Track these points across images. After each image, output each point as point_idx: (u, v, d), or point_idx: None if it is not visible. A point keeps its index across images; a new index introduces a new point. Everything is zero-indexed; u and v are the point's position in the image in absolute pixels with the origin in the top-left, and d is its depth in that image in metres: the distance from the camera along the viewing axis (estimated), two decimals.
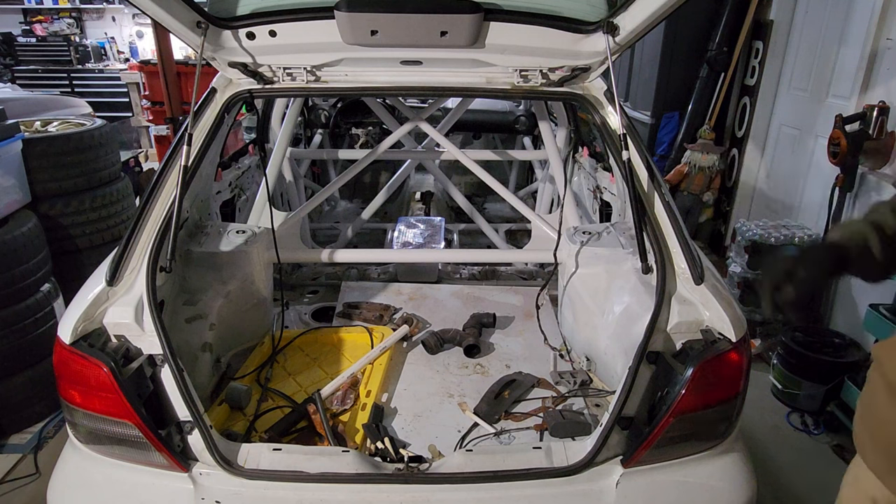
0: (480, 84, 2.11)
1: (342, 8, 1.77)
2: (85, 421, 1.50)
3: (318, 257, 2.47)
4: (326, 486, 1.48)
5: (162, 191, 1.80)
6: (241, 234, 2.18)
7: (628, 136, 1.87)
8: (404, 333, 2.26)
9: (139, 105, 7.61)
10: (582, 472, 1.50)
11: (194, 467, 1.51)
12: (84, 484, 1.58)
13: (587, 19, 1.89)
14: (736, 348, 1.48)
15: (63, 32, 9.12)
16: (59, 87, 8.27)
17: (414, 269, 2.82)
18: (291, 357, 2.20)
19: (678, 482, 1.55)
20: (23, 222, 2.76)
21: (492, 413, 1.88)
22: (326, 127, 3.92)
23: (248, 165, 3.03)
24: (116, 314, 1.52)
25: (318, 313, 2.57)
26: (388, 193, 3.11)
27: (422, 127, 2.88)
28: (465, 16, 1.79)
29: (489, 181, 2.75)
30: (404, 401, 1.97)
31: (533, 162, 4.01)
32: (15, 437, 2.76)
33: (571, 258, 2.15)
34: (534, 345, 2.28)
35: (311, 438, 1.79)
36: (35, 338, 2.73)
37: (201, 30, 1.80)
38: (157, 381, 1.51)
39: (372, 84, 2.12)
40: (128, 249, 1.64)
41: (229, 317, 2.09)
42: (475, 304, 2.58)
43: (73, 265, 3.17)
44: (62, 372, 1.48)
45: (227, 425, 1.81)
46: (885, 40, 3.22)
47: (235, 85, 2.08)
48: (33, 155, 2.99)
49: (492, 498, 1.49)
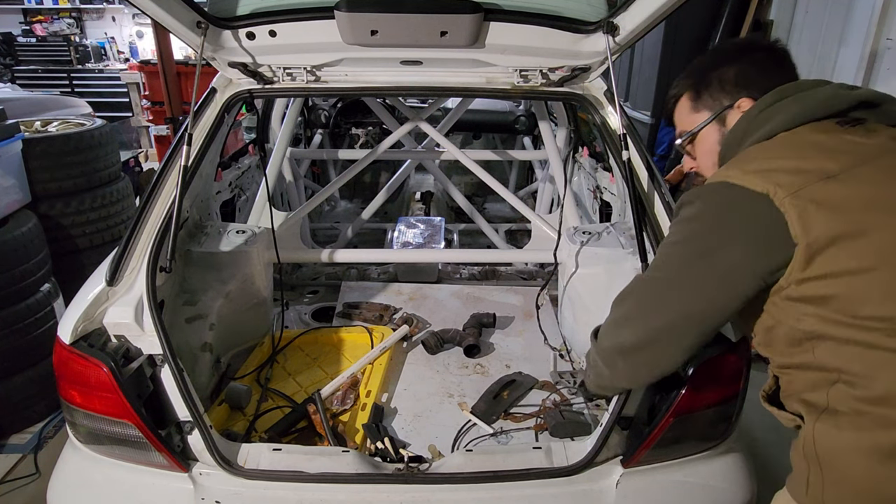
0: (480, 84, 2.11)
1: (342, 8, 1.77)
2: (85, 421, 1.50)
3: (318, 257, 2.47)
4: (326, 486, 1.48)
5: (162, 191, 1.80)
6: (241, 234, 2.18)
7: (628, 136, 1.87)
8: (404, 333, 2.26)
9: (139, 105, 7.60)
10: (582, 472, 1.50)
11: (194, 467, 1.51)
12: (84, 484, 1.58)
13: (587, 19, 1.88)
14: (736, 348, 1.48)
15: (63, 32, 9.13)
16: (59, 87, 8.27)
17: (414, 269, 2.82)
18: (291, 357, 2.20)
19: (678, 482, 1.55)
20: (23, 222, 2.76)
21: (490, 413, 1.88)
22: (326, 127, 3.91)
23: (248, 165, 3.03)
24: (116, 314, 1.52)
25: (318, 313, 2.57)
26: (388, 193, 3.11)
27: (422, 127, 2.87)
28: (465, 16, 1.79)
29: (489, 181, 2.75)
30: (404, 401, 1.97)
31: (533, 162, 4.01)
32: (15, 437, 2.75)
33: (571, 258, 2.15)
34: (534, 345, 2.28)
35: (311, 438, 1.79)
36: (35, 338, 2.72)
37: (201, 30, 1.80)
38: (157, 381, 1.51)
39: (372, 84, 2.12)
40: (128, 249, 1.64)
41: (229, 317, 2.09)
42: (475, 304, 2.58)
43: (73, 265, 3.16)
44: (62, 372, 1.48)
45: (227, 425, 1.81)
46: (885, 40, 3.22)
47: (235, 85, 2.08)
48: (33, 155, 2.98)
49: (492, 498, 1.49)
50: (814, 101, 1.13)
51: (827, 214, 0.99)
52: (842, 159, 1.03)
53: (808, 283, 1.01)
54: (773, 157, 1.08)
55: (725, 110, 1.26)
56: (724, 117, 1.26)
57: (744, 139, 1.18)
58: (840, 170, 1.02)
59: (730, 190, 1.07)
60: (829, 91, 1.15)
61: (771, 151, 1.10)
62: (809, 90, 1.16)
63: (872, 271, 0.97)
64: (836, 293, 0.99)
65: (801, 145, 1.09)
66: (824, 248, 0.99)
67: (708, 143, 1.30)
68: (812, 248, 0.99)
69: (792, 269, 1.02)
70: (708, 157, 1.31)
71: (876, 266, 0.97)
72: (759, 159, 1.09)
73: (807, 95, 1.14)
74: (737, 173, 1.08)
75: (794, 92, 1.16)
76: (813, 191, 1.01)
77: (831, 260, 0.99)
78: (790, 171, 1.03)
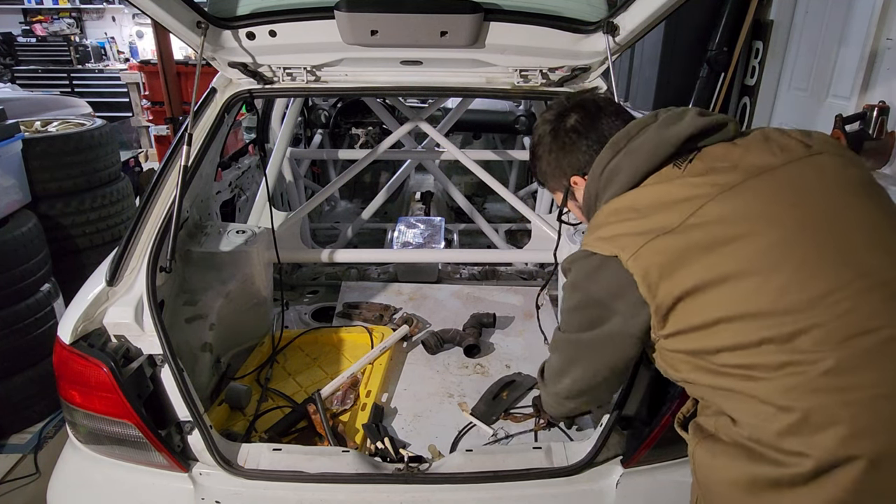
0: (480, 84, 2.11)
1: (342, 8, 1.77)
2: (85, 421, 1.50)
3: (318, 257, 2.47)
4: (326, 486, 1.48)
5: (162, 191, 1.79)
6: (241, 234, 2.18)
7: None
8: (404, 333, 2.26)
9: (139, 105, 7.60)
10: (582, 472, 1.51)
11: (194, 467, 1.51)
12: (84, 484, 1.58)
13: (587, 19, 1.89)
14: None
15: (63, 32, 9.12)
16: (59, 87, 8.25)
17: (414, 269, 2.82)
18: (291, 357, 2.20)
19: (678, 482, 1.54)
20: (23, 222, 2.76)
21: (490, 414, 1.88)
22: (326, 127, 3.91)
23: (248, 165, 3.03)
24: (116, 314, 1.52)
25: (318, 313, 2.57)
26: (388, 193, 3.11)
27: (422, 127, 2.87)
28: (465, 16, 1.79)
29: (489, 181, 2.75)
30: (404, 401, 1.97)
31: None
32: (15, 437, 2.75)
33: None
34: (534, 345, 2.28)
35: (311, 438, 1.79)
36: (35, 338, 2.72)
37: (201, 30, 1.80)
38: (157, 381, 1.51)
39: (372, 84, 2.12)
40: (128, 249, 1.64)
41: (229, 317, 2.09)
42: (475, 304, 2.58)
43: (73, 265, 3.16)
44: (62, 372, 1.48)
45: (227, 425, 1.81)
46: (885, 40, 3.22)
47: (235, 85, 2.08)
48: (33, 155, 2.98)
49: (492, 498, 1.49)
50: (644, 155, 1.13)
51: (668, 274, 1.01)
52: (682, 208, 1.03)
53: (670, 339, 1.06)
54: (617, 221, 1.10)
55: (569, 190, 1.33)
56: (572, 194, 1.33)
57: (598, 200, 1.21)
58: (679, 221, 1.02)
59: (589, 259, 1.12)
60: (652, 138, 1.13)
61: (617, 214, 1.12)
62: (637, 138, 1.16)
63: (719, 323, 0.98)
64: (695, 347, 1.02)
65: (643, 203, 1.09)
66: (672, 307, 1.02)
67: (575, 213, 1.38)
68: (661, 308, 1.03)
69: (653, 326, 1.06)
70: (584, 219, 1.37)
71: (721, 318, 0.98)
72: (607, 225, 1.12)
73: (636, 149, 1.14)
74: (591, 240, 1.12)
75: (626, 143, 1.16)
76: (652, 249, 1.02)
77: (680, 318, 1.02)
78: (632, 233, 1.05)
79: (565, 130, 1.28)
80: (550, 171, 1.34)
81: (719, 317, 0.98)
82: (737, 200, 1.03)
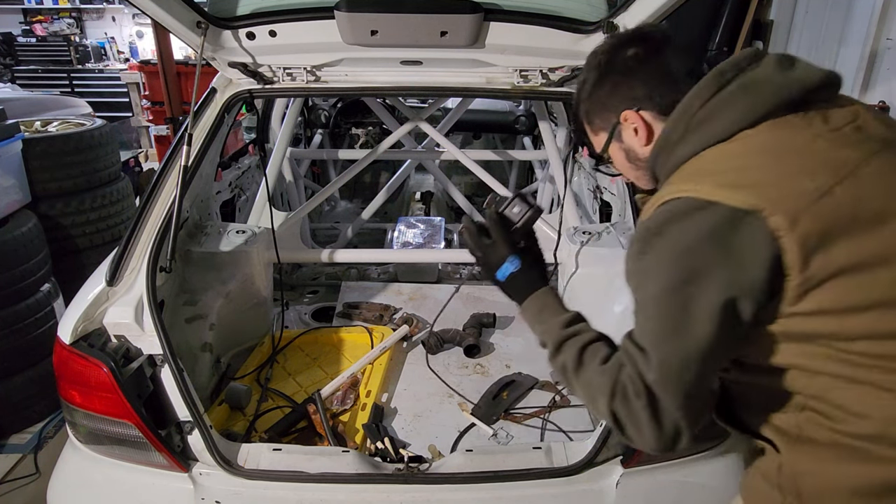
0: (480, 84, 2.11)
1: (342, 8, 1.77)
2: (85, 421, 1.51)
3: (318, 257, 2.47)
4: (326, 486, 1.48)
5: (162, 191, 1.80)
6: (241, 234, 2.18)
7: None
8: (404, 333, 2.26)
9: (139, 105, 7.59)
10: (582, 472, 1.51)
11: (194, 467, 1.51)
12: (84, 484, 1.58)
13: (587, 19, 1.89)
14: None
15: (63, 32, 9.11)
16: (59, 87, 8.24)
17: (414, 269, 2.82)
18: (291, 357, 2.20)
19: (678, 482, 1.55)
20: (23, 222, 2.76)
21: (490, 414, 1.88)
22: (326, 127, 3.91)
23: (248, 165, 3.03)
24: (116, 314, 1.52)
25: (318, 313, 2.57)
26: (388, 193, 3.11)
27: (422, 127, 2.87)
28: (465, 16, 1.79)
29: (489, 181, 2.75)
30: (404, 401, 1.97)
31: (533, 162, 4.00)
32: (15, 437, 2.75)
33: (571, 258, 2.15)
34: (534, 345, 2.24)
35: (311, 438, 1.79)
36: (35, 338, 2.72)
37: (201, 30, 1.80)
38: (157, 381, 1.51)
39: (372, 84, 2.12)
40: (128, 249, 1.64)
41: (229, 317, 2.09)
42: (475, 304, 2.58)
43: (73, 265, 3.16)
44: (62, 372, 1.48)
45: (227, 425, 1.81)
46: (885, 40, 3.22)
47: (235, 85, 2.08)
48: (33, 155, 2.98)
49: (492, 498, 1.49)
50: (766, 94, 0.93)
51: (829, 243, 0.83)
52: (836, 167, 0.87)
53: (797, 319, 0.88)
54: (749, 167, 0.89)
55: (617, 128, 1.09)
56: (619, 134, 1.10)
57: (683, 142, 0.97)
58: (832, 183, 0.85)
59: (708, 213, 0.86)
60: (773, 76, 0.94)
61: (743, 159, 0.90)
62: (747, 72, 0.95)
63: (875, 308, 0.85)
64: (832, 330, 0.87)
65: (775, 151, 0.90)
66: (819, 284, 0.85)
67: (618, 160, 1.16)
68: (807, 283, 0.85)
69: (785, 301, 0.87)
70: (630, 173, 1.17)
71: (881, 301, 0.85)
72: (732, 170, 0.89)
73: (755, 84, 0.94)
74: (708, 188, 0.88)
75: (734, 73, 0.95)
76: (814, 212, 0.83)
77: (827, 296, 0.85)
78: (778, 185, 0.86)
79: (623, 59, 1.05)
80: (598, 107, 1.10)
81: (879, 299, 0.84)
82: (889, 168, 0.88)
